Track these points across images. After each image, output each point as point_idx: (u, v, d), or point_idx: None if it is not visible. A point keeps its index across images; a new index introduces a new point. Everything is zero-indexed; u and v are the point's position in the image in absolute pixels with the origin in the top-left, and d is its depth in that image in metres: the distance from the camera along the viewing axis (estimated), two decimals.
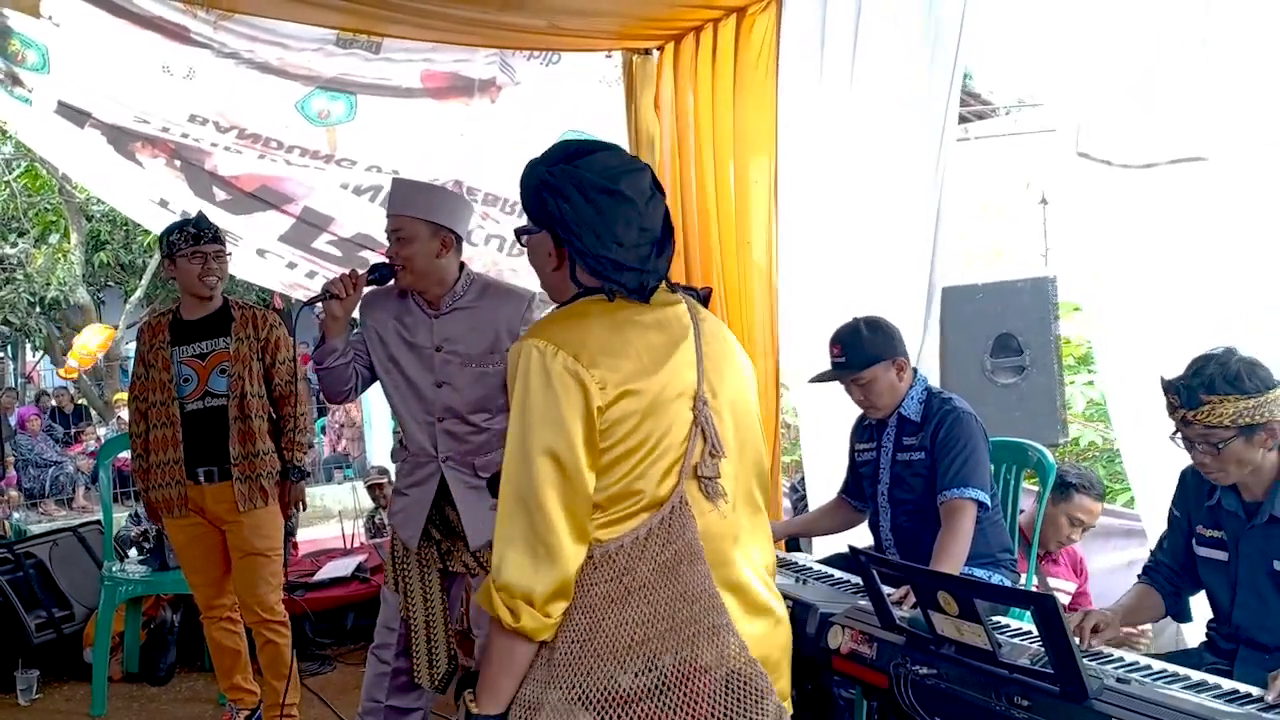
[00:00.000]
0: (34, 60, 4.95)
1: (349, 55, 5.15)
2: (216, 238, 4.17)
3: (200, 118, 5.25)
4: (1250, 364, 2.63)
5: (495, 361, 3.41)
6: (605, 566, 1.86)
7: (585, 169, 1.95)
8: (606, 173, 1.95)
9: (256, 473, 4.17)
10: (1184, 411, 2.65)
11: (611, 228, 1.93)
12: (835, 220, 4.36)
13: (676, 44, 5.02)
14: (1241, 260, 3.14)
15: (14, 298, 14.09)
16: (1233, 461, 2.66)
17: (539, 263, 2.04)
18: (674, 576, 1.87)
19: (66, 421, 13.94)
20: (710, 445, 1.94)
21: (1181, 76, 3.16)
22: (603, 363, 1.85)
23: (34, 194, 14.26)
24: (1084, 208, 3.53)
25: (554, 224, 1.95)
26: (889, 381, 3.50)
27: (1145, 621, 3.01)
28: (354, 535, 7.00)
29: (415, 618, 3.53)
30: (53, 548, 5.79)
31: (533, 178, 1.98)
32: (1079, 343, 6.99)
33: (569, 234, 1.93)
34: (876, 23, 4.12)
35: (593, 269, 1.94)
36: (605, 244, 1.92)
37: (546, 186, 1.95)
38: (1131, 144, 3.29)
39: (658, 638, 1.85)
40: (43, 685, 5.28)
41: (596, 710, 1.83)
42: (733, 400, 2.03)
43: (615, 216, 1.93)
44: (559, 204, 1.93)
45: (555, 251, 1.99)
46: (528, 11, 4.62)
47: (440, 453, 3.44)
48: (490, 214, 5.82)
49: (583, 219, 1.92)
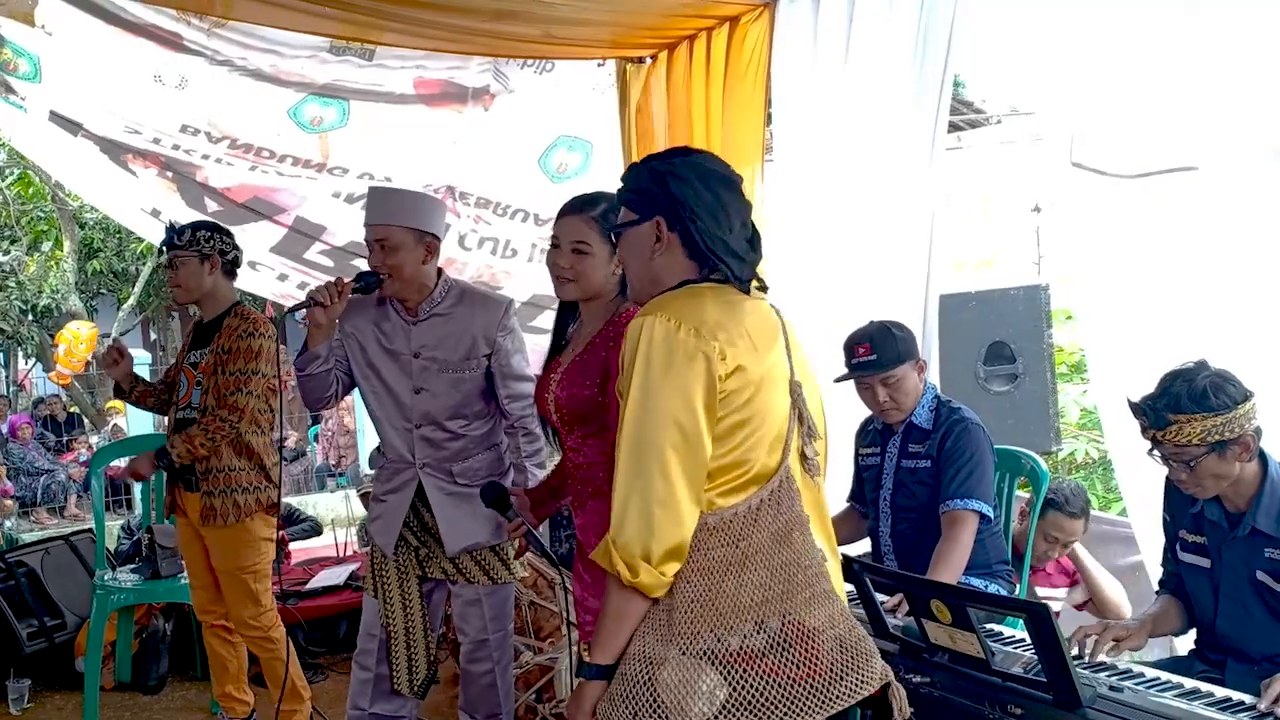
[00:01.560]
0: (26, 69, 4.94)
1: (342, 62, 5.15)
2: (172, 244, 4.09)
3: (192, 128, 5.24)
4: (1218, 380, 2.62)
5: (472, 367, 3.41)
6: (722, 532, 1.96)
7: (703, 161, 2.15)
8: (720, 166, 2.16)
9: (230, 487, 4.07)
10: (1153, 432, 2.65)
11: (727, 213, 2.10)
12: (829, 227, 4.36)
13: (670, 52, 5.03)
14: (1233, 269, 3.15)
15: (6, 305, 14.05)
16: (1208, 476, 2.66)
17: (638, 251, 2.15)
18: (787, 544, 1.99)
19: (59, 430, 13.90)
20: (808, 427, 2.08)
21: (1173, 87, 3.17)
22: (722, 336, 1.96)
23: (27, 202, 14.21)
24: (1077, 216, 3.54)
25: (675, 206, 2.08)
26: (914, 382, 3.49)
27: (1171, 632, 2.99)
28: (346, 544, 6.98)
29: (395, 624, 3.53)
30: (45, 556, 5.77)
31: (649, 169, 2.15)
32: (1072, 351, 7.00)
33: (690, 216, 2.08)
34: (868, 30, 4.13)
35: (708, 250, 2.07)
36: (721, 227, 2.08)
37: (669, 174, 2.10)
38: (1125, 154, 3.30)
39: (774, 600, 1.95)
40: (34, 694, 5.25)
41: (723, 666, 1.92)
42: (809, 384, 2.15)
43: (729, 204, 2.11)
44: (682, 188, 2.08)
45: (666, 236, 2.10)
46: (522, 21, 4.62)
47: (418, 459, 3.45)
48: (483, 217, 5.82)
49: (704, 203, 2.08)
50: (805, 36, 4.37)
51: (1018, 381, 4.31)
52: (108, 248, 14.84)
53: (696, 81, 4.83)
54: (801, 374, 2.12)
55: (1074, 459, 7.00)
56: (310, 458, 13.52)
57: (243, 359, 4.04)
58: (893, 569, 3.39)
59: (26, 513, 11.07)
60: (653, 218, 2.12)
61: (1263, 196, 3.07)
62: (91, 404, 14.43)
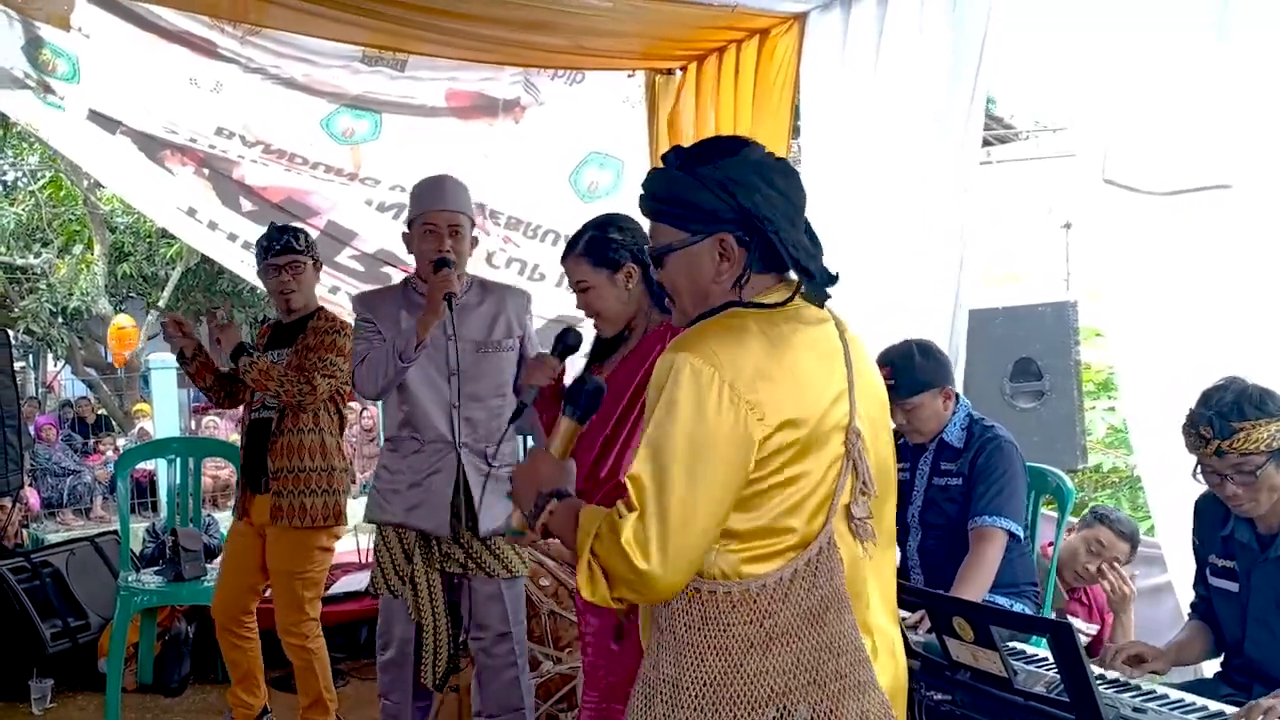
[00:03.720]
0: (64, 70, 5.00)
1: (374, 73, 5.19)
2: (287, 248, 4.14)
3: (227, 130, 5.29)
4: (1263, 388, 2.62)
5: (509, 346, 3.58)
6: (745, 606, 1.73)
7: (756, 157, 1.83)
8: (771, 158, 1.84)
9: (301, 489, 4.11)
10: (1218, 442, 2.60)
11: (800, 211, 1.84)
12: (857, 240, 4.35)
13: (699, 64, 5.04)
14: (1266, 288, 3.12)
15: (36, 307, 14.17)
16: (1265, 488, 2.62)
17: (695, 274, 1.85)
18: (820, 625, 1.74)
19: (87, 431, 13.99)
20: (862, 483, 1.79)
21: (1206, 105, 3.16)
22: (762, 389, 1.70)
23: (59, 205, 14.36)
24: (1109, 233, 3.52)
25: (751, 220, 1.78)
26: (935, 409, 3.44)
27: (1199, 659, 2.97)
28: (369, 549, 6.98)
29: (425, 619, 3.56)
30: (70, 557, 5.82)
31: (700, 178, 1.80)
32: (1099, 368, 6.95)
33: (766, 224, 1.77)
34: (898, 44, 4.12)
35: (792, 257, 1.79)
36: (798, 228, 1.82)
37: (728, 182, 1.78)
38: (1157, 171, 3.28)
39: (798, 689, 1.73)
40: (57, 694, 5.29)
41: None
42: (873, 423, 1.87)
43: (795, 199, 1.83)
44: (748, 195, 1.77)
45: (734, 253, 1.81)
46: (553, 31, 4.64)
47: (460, 438, 3.52)
48: (512, 238, 5.82)
49: (775, 206, 1.78)
50: (834, 50, 4.36)
51: (1044, 398, 4.28)
52: (138, 252, 14.95)
53: (725, 94, 4.84)
54: (866, 413, 1.84)
55: (1101, 470, 6.95)
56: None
57: (325, 350, 4.11)
58: (919, 585, 3.37)
59: (52, 513, 11.13)
60: (713, 234, 1.81)
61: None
62: (119, 406, 14.53)
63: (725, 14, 4.48)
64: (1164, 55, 3.25)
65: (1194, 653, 2.92)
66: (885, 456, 1.90)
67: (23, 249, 14.25)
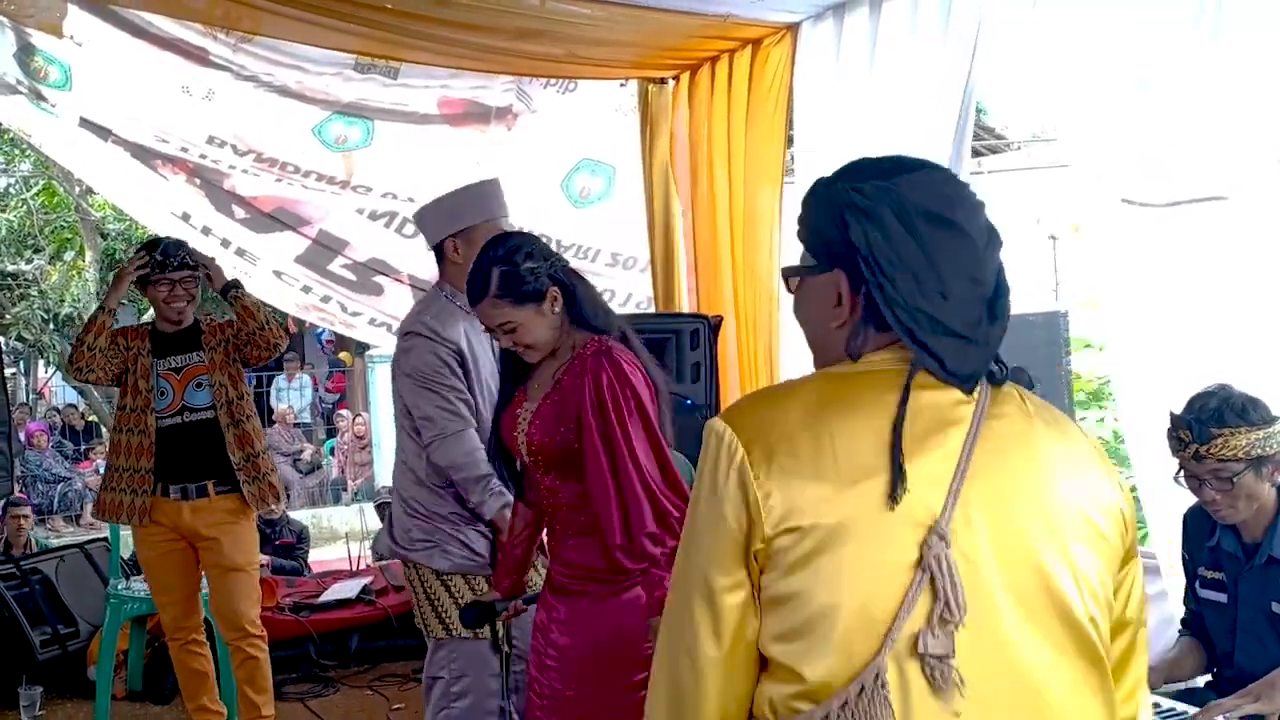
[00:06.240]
0: (56, 77, 5.00)
1: (367, 80, 5.19)
2: (184, 264, 4.19)
3: (219, 140, 5.29)
4: (1252, 398, 2.63)
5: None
6: None
7: (909, 188, 1.38)
8: (937, 196, 1.39)
9: (261, 472, 4.18)
10: (1196, 446, 2.63)
11: (938, 270, 1.34)
12: None
13: (692, 74, 5.05)
14: (1262, 299, 3.13)
15: (28, 314, 14.13)
16: (1243, 496, 2.64)
17: (813, 310, 1.44)
18: None
19: (77, 438, 13.96)
20: (944, 606, 1.23)
21: (1202, 115, 3.16)
22: (777, 465, 1.29)
23: (51, 211, 14.34)
24: (1104, 244, 3.52)
25: (856, 258, 1.36)
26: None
27: (1190, 676, 2.97)
28: (360, 557, 6.98)
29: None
30: (59, 564, 5.79)
31: (829, 196, 1.42)
32: (1090, 378, 6.97)
33: (876, 273, 1.34)
34: (890, 54, 4.14)
35: (901, 324, 1.34)
36: (926, 292, 1.34)
37: (853, 208, 1.37)
38: (1153, 182, 3.29)
39: None
40: (46, 702, 5.25)
41: None
42: (1013, 545, 1.30)
43: (943, 256, 1.35)
44: (868, 230, 1.35)
45: (849, 299, 1.39)
46: (545, 40, 4.65)
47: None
48: None
49: (900, 254, 1.34)
50: (828, 59, 4.38)
51: None
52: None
53: (718, 103, 4.85)
54: (985, 508, 1.29)
55: None
56: (326, 470, 13.54)
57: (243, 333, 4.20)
58: None
59: (42, 520, 11.10)
60: (832, 269, 1.40)
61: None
62: (110, 413, 14.50)
63: (718, 24, 4.50)
64: (1158, 65, 3.25)
65: (1185, 670, 2.93)
66: (1007, 577, 1.29)
67: (14, 255, 14.22)
